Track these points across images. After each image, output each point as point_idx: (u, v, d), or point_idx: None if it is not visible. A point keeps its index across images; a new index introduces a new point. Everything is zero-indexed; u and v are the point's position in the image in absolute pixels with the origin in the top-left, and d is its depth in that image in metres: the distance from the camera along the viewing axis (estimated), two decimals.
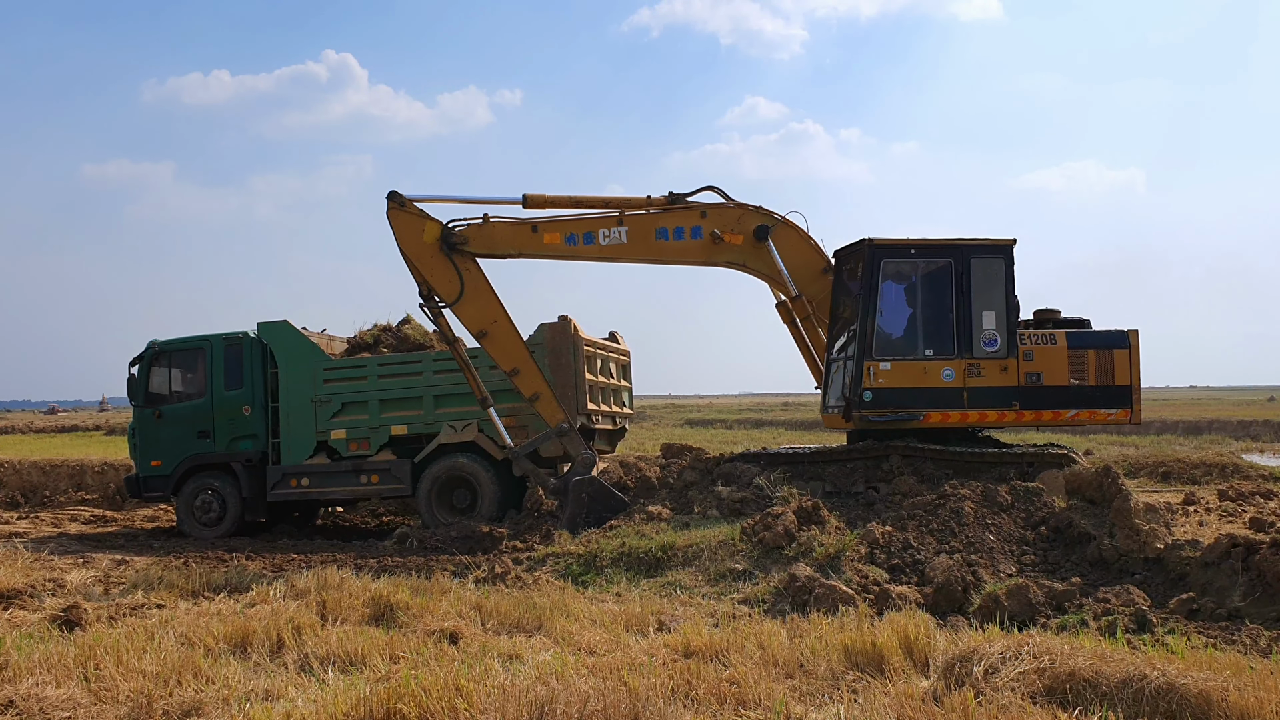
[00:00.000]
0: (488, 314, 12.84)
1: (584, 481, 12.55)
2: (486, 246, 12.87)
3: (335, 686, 6.16)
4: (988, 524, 9.95)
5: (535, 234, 12.84)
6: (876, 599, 8.33)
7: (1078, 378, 12.50)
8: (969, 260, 12.45)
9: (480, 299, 12.82)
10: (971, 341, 12.38)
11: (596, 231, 12.84)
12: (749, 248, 13.09)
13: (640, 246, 12.98)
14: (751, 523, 10.18)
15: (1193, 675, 5.53)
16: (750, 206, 13.16)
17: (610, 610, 8.38)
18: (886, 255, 12.54)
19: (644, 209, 12.99)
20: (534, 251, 12.92)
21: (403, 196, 12.63)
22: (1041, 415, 12.53)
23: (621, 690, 5.62)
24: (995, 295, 12.46)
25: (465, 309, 12.80)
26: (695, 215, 13.02)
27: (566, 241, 12.85)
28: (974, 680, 5.76)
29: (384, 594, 8.45)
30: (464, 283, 12.71)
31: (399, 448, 14.60)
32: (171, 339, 15.57)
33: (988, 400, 12.37)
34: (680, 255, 13.16)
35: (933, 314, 12.60)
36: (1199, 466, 19.02)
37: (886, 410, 12.32)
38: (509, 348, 12.90)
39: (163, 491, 15.44)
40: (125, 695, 6.05)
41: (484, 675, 6.00)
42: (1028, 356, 12.43)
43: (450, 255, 12.70)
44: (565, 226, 12.86)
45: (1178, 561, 8.75)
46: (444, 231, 12.70)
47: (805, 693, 6.09)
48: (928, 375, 12.35)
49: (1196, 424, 38.91)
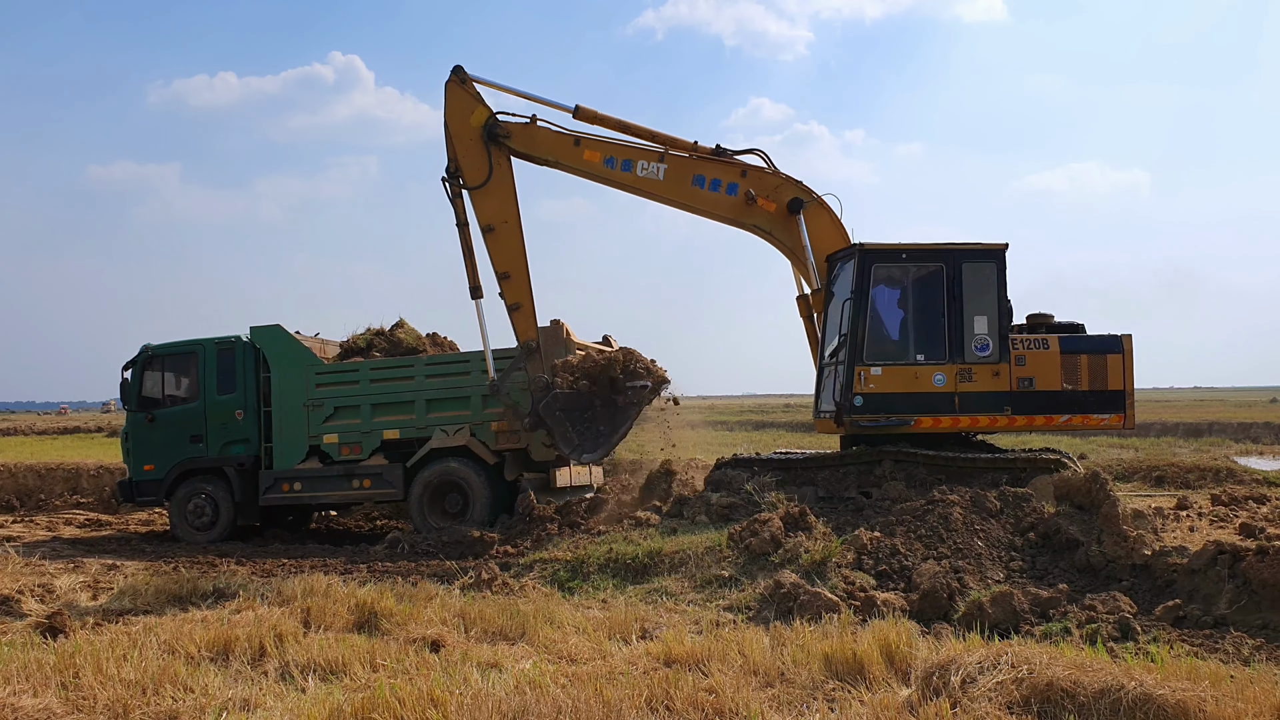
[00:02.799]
0: (502, 211, 12.98)
1: (550, 402, 12.64)
2: (526, 146, 13.10)
3: (313, 696, 6.16)
4: (976, 530, 9.92)
5: (577, 147, 13.09)
6: (862, 606, 8.31)
7: (1070, 383, 12.46)
8: (961, 265, 12.43)
9: (501, 195, 12.97)
10: (963, 346, 12.36)
11: (636, 161, 13.09)
12: (779, 218, 13.24)
13: (674, 187, 13.15)
14: (738, 529, 10.16)
15: (1170, 685, 5.51)
16: (791, 178, 13.31)
17: (595, 617, 8.36)
18: (877, 260, 12.52)
19: (689, 153, 13.20)
20: (571, 164, 13.13)
21: (465, 74, 12.97)
22: (1034, 420, 12.50)
23: (596, 700, 5.60)
24: (987, 300, 12.44)
25: (484, 199, 12.94)
26: (735, 172, 13.23)
27: (605, 163, 13.08)
28: (951, 690, 5.74)
29: (369, 601, 8.44)
30: (492, 174, 12.90)
31: (391, 452, 14.58)
32: (164, 343, 15.58)
33: (979, 405, 12.35)
34: (711, 207, 13.32)
35: (924, 319, 12.59)
36: (1193, 471, 18.98)
37: (877, 415, 12.31)
38: (509, 252, 12.99)
39: (155, 496, 15.43)
40: (103, 704, 6.04)
41: (460, 685, 5.98)
42: (1020, 361, 12.41)
43: (489, 144, 12.91)
44: (608, 148, 13.09)
45: (1165, 568, 8.71)
46: (490, 120, 12.94)
47: (783, 702, 6.07)
48: (919, 380, 12.33)
49: (1197, 426, 38.81)
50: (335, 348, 16.10)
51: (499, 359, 13.93)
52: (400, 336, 15.99)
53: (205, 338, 15.45)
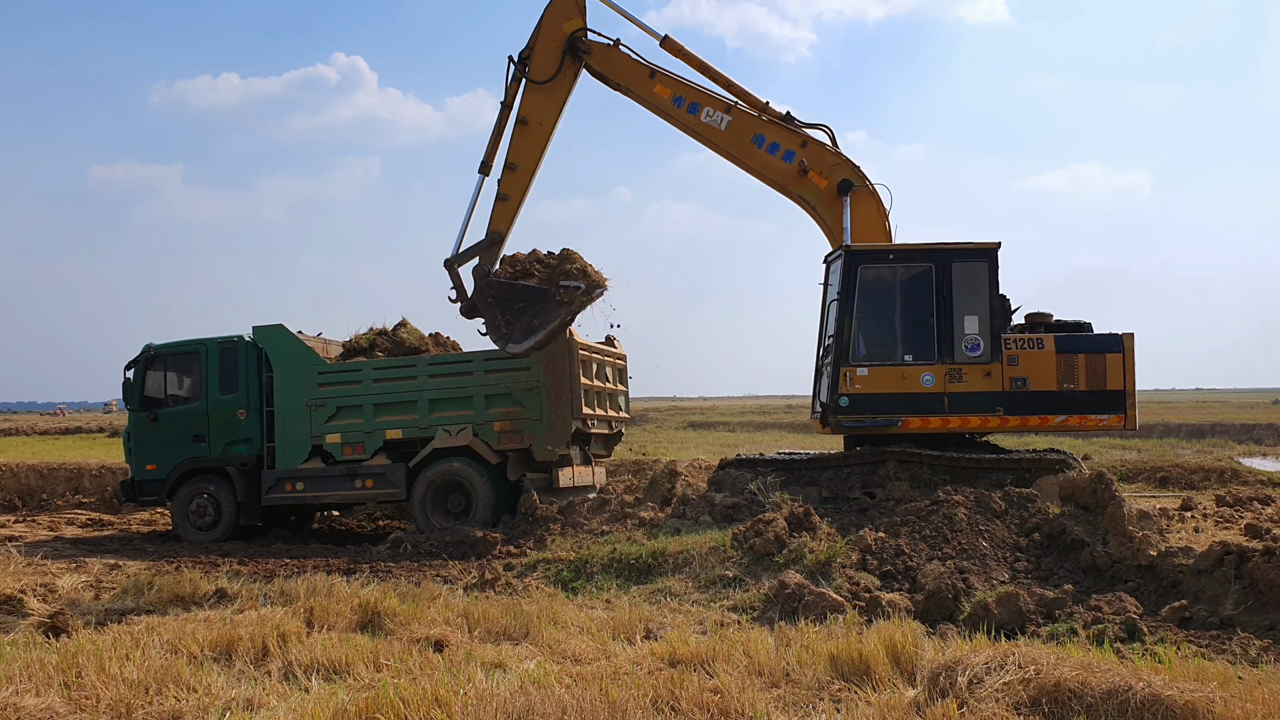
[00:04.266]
0: (544, 113, 13.46)
1: (483, 289, 13.17)
2: (602, 66, 13.47)
3: (316, 696, 6.13)
4: (981, 530, 9.89)
5: (650, 80, 13.42)
6: (867, 606, 8.28)
7: (1068, 383, 12.30)
8: (950, 265, 12.41)
9: (552, 98, 13.42)
10: (953, 346, 12.32)
11: (703, 106, 13.35)
12: (828, 195, 13.32)
13: (733, 140, 13.37)
14: (742, 529, 10.13)
15: (1179, 686, 5.48)
16: (848, 161, 13.40)
17: (599, 617, 8.33)
18: (864, 261, 12.56)
19: (758, 111, 13.40)
20: (640, 94, 13.47)
21: None
22: (1028, 421, 12.37)
23: (602, 701, 5.58)
24: (978, 299, 12.37)
25: (535, 94, 13.39)
26: (796, 140, 13.38)
27: (673, 100, 13.39)
28: (958, 691, 5.71)
29: (372, 601, 8.41)
30: (555, 77, 13.33)
31: (394, 452, 14.55)
32: (167, 343, 15.56)
33: (970, 405, 12.28)
34: (763, 168, 13.50)
35: (913, 319, 12.60)
36: (1197, 471, 18.93)
37: (864, 415, 12.34)
38: (528, 148, 13.46)
39: (158, 495, 15.41)
40: (105, 704, 6.01)
41: (464, 685, 5.96)
42: (1013, 361, 12.27)
43: (568, 52, 13.30)
44: (679, 88, 13.40)
45: (1170, 569, 8.69)
46: (578, 32, 13.33)
47: (789, 703, 6.04)
48: (907, 380, 12.33)
49: (1199, 427, 38.79)
50: (338, 347, 16.08)
51: (487, 360, 14.14)
52: (403, 336, 15.96)
53: (208, 337, 15.42)
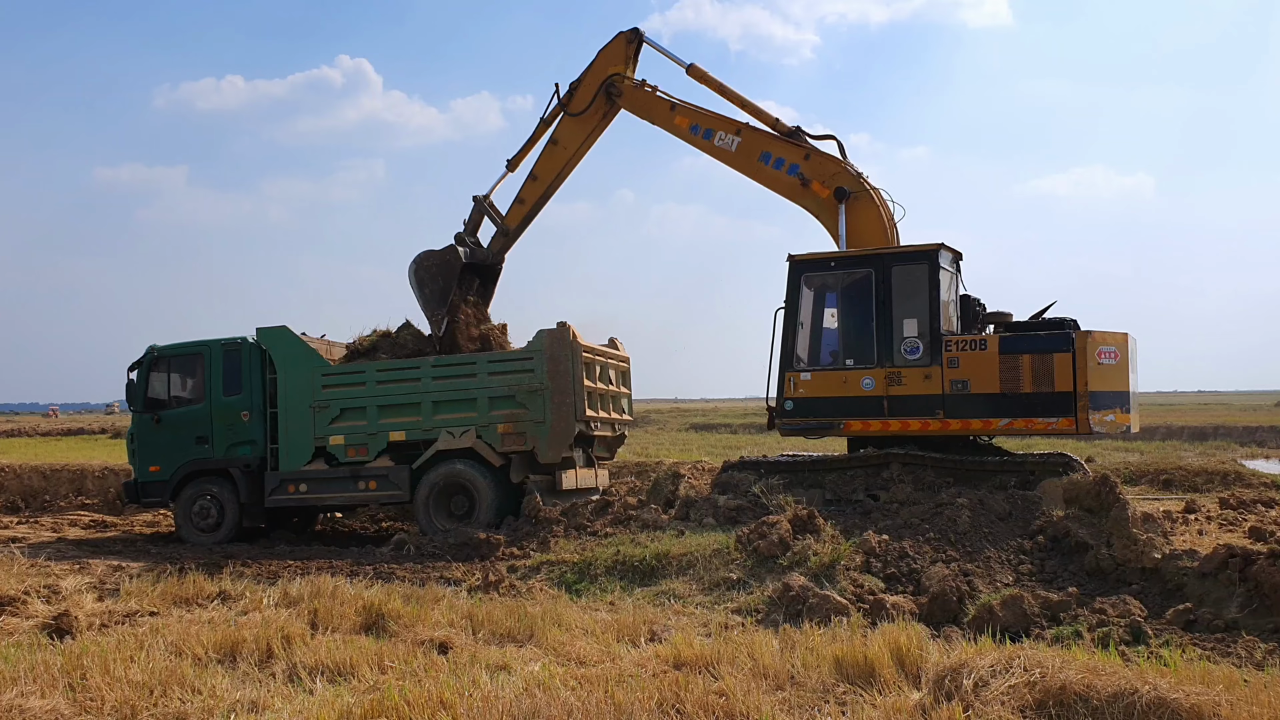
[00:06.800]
0: (573, 139, 15.28)
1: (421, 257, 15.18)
2: (630, 105, 15.02)
3: (321, 698, 6.12)
4: (985, 533, 9.89)
5: (671, 112, 14.78)
6: (871, 609, 8.27)
7: (1009, 385, 11.92)
8: (890, 269, 12.49)
9: (582, 129, 15.22)
10: (892, 350, 12.36)
11: (716, 131, 14.45)
12: (828, 204, 13.61)
13: (742, 159, 14.30)
14: (746, 531, 10.13)
15: (1185, 689, 5.46)
16: (850, 169, 13.67)
17: (603, 620, 8.32)
18: (808, 269, 12.86)
19: (769, 128, 14.25)
20: (663, 124, 14.85)
21: (638, 35, 15.04)
22: (970, 424, 12.19)
23: (607, 703, 5.57)
24: (918, 303, 12.38)
25: (569, 123, 15.23)
26: (799, 154, 13.91)
27: (691, 129, 14.63)
28: (963, 694, 5.69)
29: (376, 602, 8.41)
30: (587, 111, 15.08)
31: (397, 454, 14.56)
32: (170, 344, 15.57)
33: (909, 409, 12.29)
34: (771, 182, 14.14)
35: (853, 324, 12.81)
36: (1200, 474, 18.91)
37: (807, 419, 12.65)
38: (553, 164, 15.34)
39: (161, 497, 15.43)
40: (110, 706, 6.01)
41: (469, 687, 5.95)
42: (953, 364, 12.13)
43: (603, 91, 14.92)
44: (695, 116, 14.65)
45: (1175, 572, 8.67)
46: (613, 77, 14.93)
47: (794, 705, 6.03)
48: (847, 385, 12.53)
49: (1202, 430, 38.74)
50: (341, 349, 16.08)
51: (490, 362, 14.41)
52: (406, 338, 15.97)
53: (211, 339, 15.43)
